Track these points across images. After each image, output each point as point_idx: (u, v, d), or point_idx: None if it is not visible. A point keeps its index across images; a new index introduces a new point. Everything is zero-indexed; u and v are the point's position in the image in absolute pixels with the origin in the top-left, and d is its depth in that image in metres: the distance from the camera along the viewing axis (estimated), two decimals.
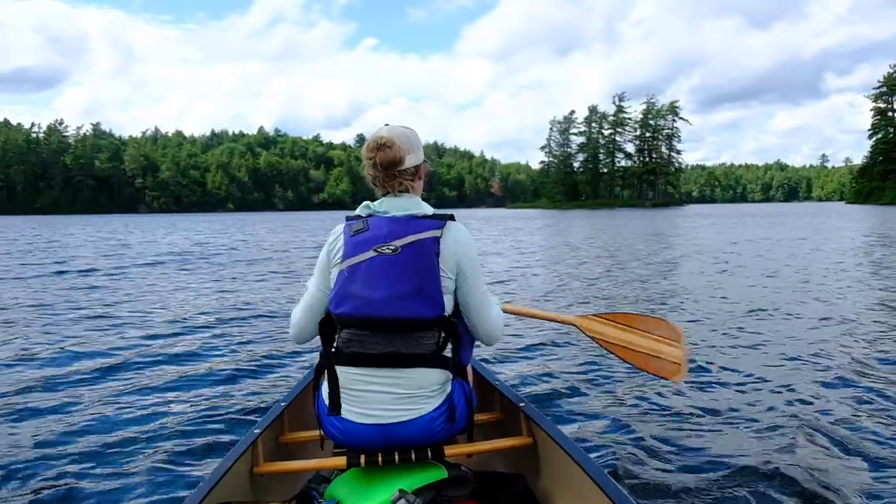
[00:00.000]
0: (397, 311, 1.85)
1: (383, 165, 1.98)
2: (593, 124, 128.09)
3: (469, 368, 2.26)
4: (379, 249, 1.88)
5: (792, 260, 13.06)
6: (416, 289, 1.86)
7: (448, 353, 1.96)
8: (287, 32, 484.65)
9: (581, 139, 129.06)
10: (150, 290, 9.99)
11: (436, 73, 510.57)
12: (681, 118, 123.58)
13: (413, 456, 1.93)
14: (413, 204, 2.00)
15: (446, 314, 1.93)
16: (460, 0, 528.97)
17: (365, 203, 2.03)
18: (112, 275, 12.51)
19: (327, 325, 1.97)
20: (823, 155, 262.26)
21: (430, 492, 1.87)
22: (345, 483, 1.95)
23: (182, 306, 8.30)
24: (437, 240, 1.90)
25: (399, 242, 1.88)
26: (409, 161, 2.02)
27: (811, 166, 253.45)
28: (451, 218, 1.99)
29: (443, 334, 1.92)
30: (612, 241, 21.03)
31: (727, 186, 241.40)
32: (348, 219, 2.00)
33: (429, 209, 2.01)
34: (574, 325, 2.55)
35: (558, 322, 2.58)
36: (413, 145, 2.04)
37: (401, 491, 1.81)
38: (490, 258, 15.23)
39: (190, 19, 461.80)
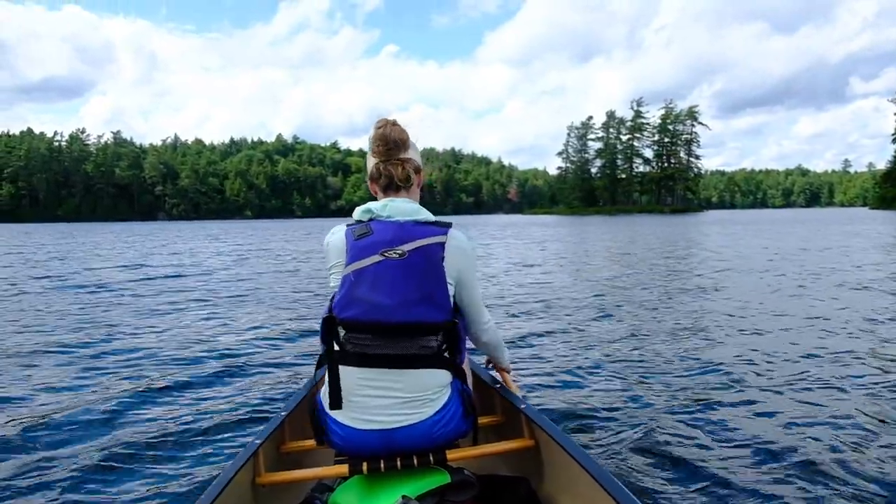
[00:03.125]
0: (406, 317, 1.83)
1: (392, 139, 1.99)
2: (611, 130, 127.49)
3: (468, 371, 2.26)
4: (386, 254, 1.86)
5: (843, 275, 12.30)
6: (425, 294, 1.85)
7: (447, 354, 1.95)
8: (310, 40, 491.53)
9: (599, 145, 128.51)
10: (154, 298, 9.88)
11: (455, 80, 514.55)
12: (700, 123, 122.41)
13: (415, 461, 1.91)
14: (416, 209, 1.98)
15: (452, 318, 1.93)
16: (484, 6, 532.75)
17: (366, 207, 1.99)
18: (119, 282, 12.48)
19: (329, 327, 1.90)
20: (846, 160, 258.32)
21: (433, 497, 1.86)
22: (348, 491, 1.94)
23: (184, 314, 8.14)
24: (442, 245, 1.91)
25: (406, 247, 1.86)
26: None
27: (833, 171, 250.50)
28: (451, 225, 1.99)
29: (445, 336, 1.92)
30: (638, 250, 20.61)
31: (747, 192, 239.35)
32: (349, 224, 1.98)
33: (430, 216, 1.99)
34: None
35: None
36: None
37: (404, 497, 1.80)
38: (502, 271, 14.85)
39: (213, 28, 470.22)
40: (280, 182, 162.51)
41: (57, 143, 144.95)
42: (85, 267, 16.02)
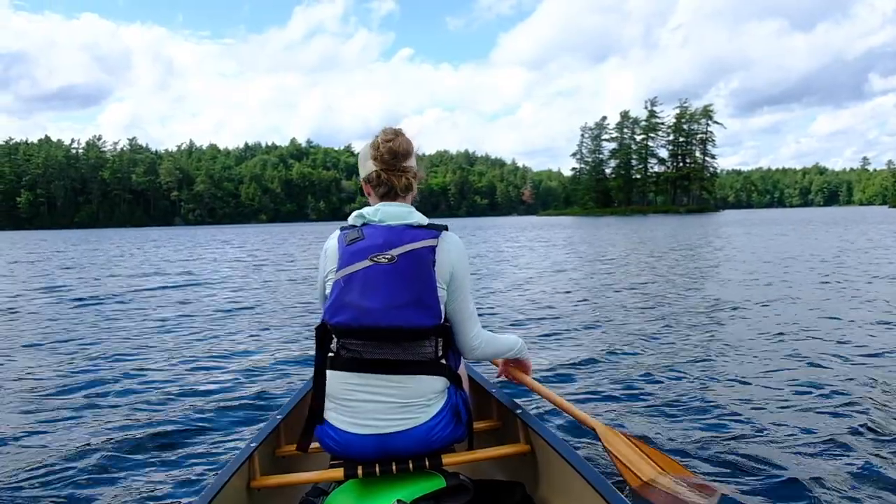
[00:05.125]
0: (395, 321, 1.82)
1: (401, 152, 1.99)
2: (625, 130, 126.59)
3: (465, 376, 2.25)
4: (375, 258, 1.85)
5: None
6: (413, 298, 1.84)
7: (444, 360, 1.94)
8: (325, 44, 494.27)
9: (613, 145, 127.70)
10: (156, 304, 9.83)
11: (469, 82, 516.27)
12: (715, 122, 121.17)
13: (411, 466, 1.91)
14: (408, 213, 1.97)
15: (442, 322, 1.91)
16: (499, 8, 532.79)
17: (358, 212, 1.99)
18: (123, 287, 12.56)
19: (323, 333, 1.91)
20: (865, 158, 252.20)
21: (429, 501, 1.86)
22: (343, 495, 1.93)
23: (183, 319, 8.06)
24: (433, 249, 1.89)
25: (395, 251, 1.85)
26: (413, 161, 2.07)
27: (852, 170, 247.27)
28: (446, 228, 1.97)
29: (439, 341, 1.90)
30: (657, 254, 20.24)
31: (764, 191, 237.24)
32: (342, 229, 1.99)
33: (423, 219, 1.97)
34: (594, 430, 2.39)
35: (577, 419, 2.43)
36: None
37: (399, 501, 1.80)
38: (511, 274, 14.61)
39: (229, 34, 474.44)
40: (294, 186, 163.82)
41: (74, 151, 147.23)
42: (96, 275, 16.07)
